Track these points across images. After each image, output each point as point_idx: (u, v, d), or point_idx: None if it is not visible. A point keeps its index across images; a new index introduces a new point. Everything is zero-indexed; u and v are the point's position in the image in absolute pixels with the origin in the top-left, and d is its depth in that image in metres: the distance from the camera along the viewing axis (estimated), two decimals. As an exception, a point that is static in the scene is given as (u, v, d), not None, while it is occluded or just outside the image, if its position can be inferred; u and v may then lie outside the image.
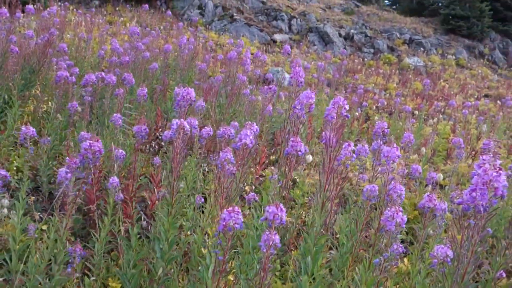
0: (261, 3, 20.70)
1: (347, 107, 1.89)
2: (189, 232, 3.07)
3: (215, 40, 15.35)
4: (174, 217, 2.27)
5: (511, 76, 20.29)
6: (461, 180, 5.73)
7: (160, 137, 5.16)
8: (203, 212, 3.35)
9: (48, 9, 7.63)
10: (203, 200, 3.47)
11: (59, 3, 12.51)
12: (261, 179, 4.84)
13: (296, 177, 4.72)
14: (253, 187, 4.56)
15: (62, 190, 2.65)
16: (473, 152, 6.78)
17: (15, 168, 4.01)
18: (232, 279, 2.81)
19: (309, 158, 5.17)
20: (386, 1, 41.75)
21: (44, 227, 3.32)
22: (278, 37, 18.48)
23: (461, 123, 9.54)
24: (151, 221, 3.55)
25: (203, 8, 18.94)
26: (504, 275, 2.23)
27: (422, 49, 20.49)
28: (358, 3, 26.43)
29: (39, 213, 3.37)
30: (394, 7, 33.05)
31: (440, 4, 26.31)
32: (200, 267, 2.74)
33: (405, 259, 3.56)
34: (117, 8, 17.09)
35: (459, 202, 1.74)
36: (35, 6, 8.15)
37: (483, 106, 11.72)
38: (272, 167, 5.36)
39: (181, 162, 2.12)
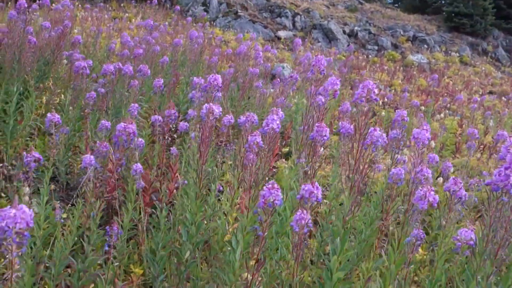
0: (265, 0, 20.72)
1: (376, 90, 1.92)
2: (206, 221, 3.12)
3: (214, 35, 15.37)
4: (201, 200, 2.31)
5: (514, 73, 20.30)
6: (470, 173, 5.76)
7: (173, 129, 5.20)
8: (219, 200, 3.40)
9: (54, 4, 7.67)
10: (221, 188, 3.51)
11: (64, -1, 12.56)
12: (274, 170, 4.88)
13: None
14: (266, 178, 4.60)
15: (87, 175, 2.69)
16: (482, 146, 6.81)
17: (33, 158, 4.04)
18: (252, 263, 2.85)
19: (321, 150, 5.20)
20: (389, -1, 41.79)
21: (64, 216, 3.36)
22: (282, 33, 18.49)
23: (468, 119, 9.57)
24: (171, 209, 3.60)
25: (207, 4, 18.96)
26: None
27: (425, 46, 20.50)
28: (361, 1, 26.43)
29: (58, 202, 3.41)
30: (397, 4, 33.05)
31: (443, 2, 26.31)
32: (222, 253, 2.79)
33: (420, 249, 3.60)
34: (121, 4, 17.12)
35: (488, 183, 1.78)
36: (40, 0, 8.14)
37: (488, 102, 11.75)
38: (283, 159, 5.41)
39: (209, 146, 2.16)
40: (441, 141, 6.64)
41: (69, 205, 3.49)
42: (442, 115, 8.64)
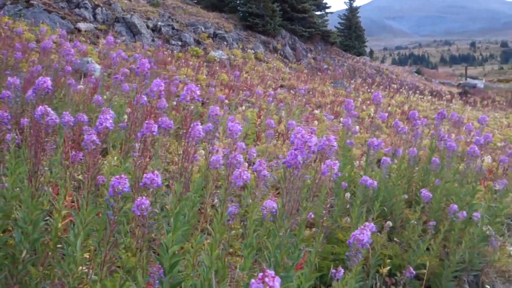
0: (61, -11, 19.39)
1: (198, 92, 2.32)
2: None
3: (10, 27, 13.88)
4: (37, 199, 2.39)
5: (299, 69, 23.41)
6: (270, 157, 6.72)
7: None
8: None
9: None
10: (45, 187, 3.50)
11: None
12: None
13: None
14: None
15: None
16: (277, 134, 7.93)
17: None
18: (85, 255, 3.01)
19: (137, 146, 5.44)
20: (188, -5, 43.10)
21: None
22: (82, 26, 17.64)
23: (264, 110, 10.87)
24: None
25: (-9, -11, 16.84)
26: (312, 215, 2.99)
27: (225, 43, 22.05)
28: (162, -5, 26.79)
29: None
30: (196, 0, 34.44)
31: (238, 2, 28.53)
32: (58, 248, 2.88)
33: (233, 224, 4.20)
34: None
35: (284, 162, 2.35)
36: None
37: (280, 95, 13.44)
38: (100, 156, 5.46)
39: (43, 146, 2.26)
40: (244, 131, 7.51)
41: None
42: (243, 107, 9.65)
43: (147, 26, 19.68)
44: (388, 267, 3.74)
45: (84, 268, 2.73)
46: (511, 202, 5.25)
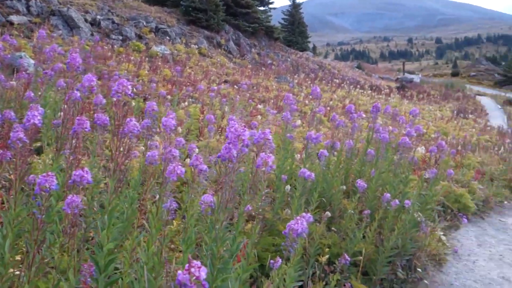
0: (-10, -21, 18.27)
1: (130, 87, 2.29)
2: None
3: None
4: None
5: (243, 64, 23.47)
6: (212, 152, 6.72)
7: None
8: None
9: None
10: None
11: None
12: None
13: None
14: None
15: None
16: (220, 129, 7.93)
17: None
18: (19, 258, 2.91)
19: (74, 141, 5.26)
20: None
21: None
22: (15, 18, 16.74)
23: (207, 105, 10.84)
24: None
25: None
26: (250, 208, 3.04)
27: (168, 38, 21.70)
28: (101, -12, 25.90)
29: None
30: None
31: (181, -4, 28.11)
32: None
33: (174, 221, 4.19)
34: None
35: (219, 156, 2.37)
36: None
37: (224, 90, 13.43)
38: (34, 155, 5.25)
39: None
40: (186, 127, 7.45)
41: None
42: (186, 103, 9.57)
43: (85, 20, 18.98)
44: (327, 256, 3.86)
45: (16, 270, 2.63)
46: (441, 190, 5.57)
